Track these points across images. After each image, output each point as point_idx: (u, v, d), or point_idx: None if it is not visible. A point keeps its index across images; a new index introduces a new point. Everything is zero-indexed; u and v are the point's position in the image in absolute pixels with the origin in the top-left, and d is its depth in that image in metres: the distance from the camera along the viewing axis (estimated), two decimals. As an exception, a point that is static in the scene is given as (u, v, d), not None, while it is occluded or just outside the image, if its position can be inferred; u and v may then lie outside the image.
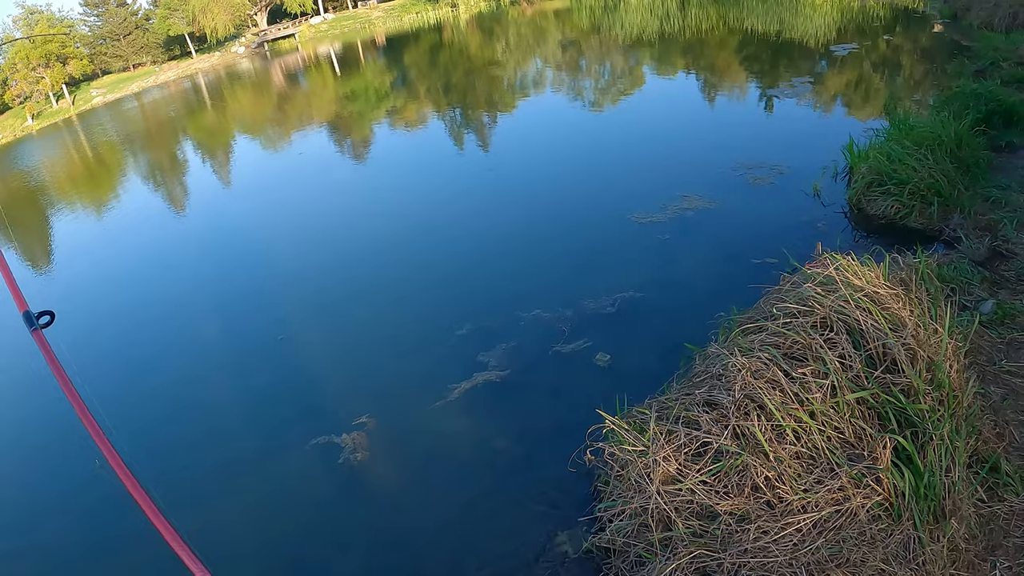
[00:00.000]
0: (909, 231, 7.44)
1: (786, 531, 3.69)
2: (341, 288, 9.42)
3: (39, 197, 24.06)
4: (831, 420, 4.04)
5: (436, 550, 4.95)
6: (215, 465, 6.46)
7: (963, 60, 13.31)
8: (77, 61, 60.72)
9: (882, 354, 4.24)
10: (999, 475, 4.14)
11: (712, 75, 18.31)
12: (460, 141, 16.70)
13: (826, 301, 4.58)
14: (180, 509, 5.87)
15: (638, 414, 4.89)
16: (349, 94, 28.42)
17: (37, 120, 52.40)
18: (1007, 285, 6.06)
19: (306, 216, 13.11)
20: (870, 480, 3.80)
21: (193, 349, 8.75)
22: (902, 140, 8.31)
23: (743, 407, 4.23)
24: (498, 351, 6.97)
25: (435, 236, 10.40)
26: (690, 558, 3.75)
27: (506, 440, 5.83)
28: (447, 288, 8.72)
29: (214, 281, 10.88)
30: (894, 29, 19.21)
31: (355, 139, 19.58)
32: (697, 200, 9.48)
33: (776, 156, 10.51)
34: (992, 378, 4.97)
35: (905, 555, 3.61)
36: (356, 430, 6.25)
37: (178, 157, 24.03)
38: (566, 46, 29.07)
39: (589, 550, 4.48)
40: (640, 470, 4.27)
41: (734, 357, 4.47)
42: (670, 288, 7.60)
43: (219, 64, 61.26)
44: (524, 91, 22.23)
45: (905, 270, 5.40)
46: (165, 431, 7.20)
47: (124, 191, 21.10)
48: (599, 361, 6.51)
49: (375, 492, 5.73)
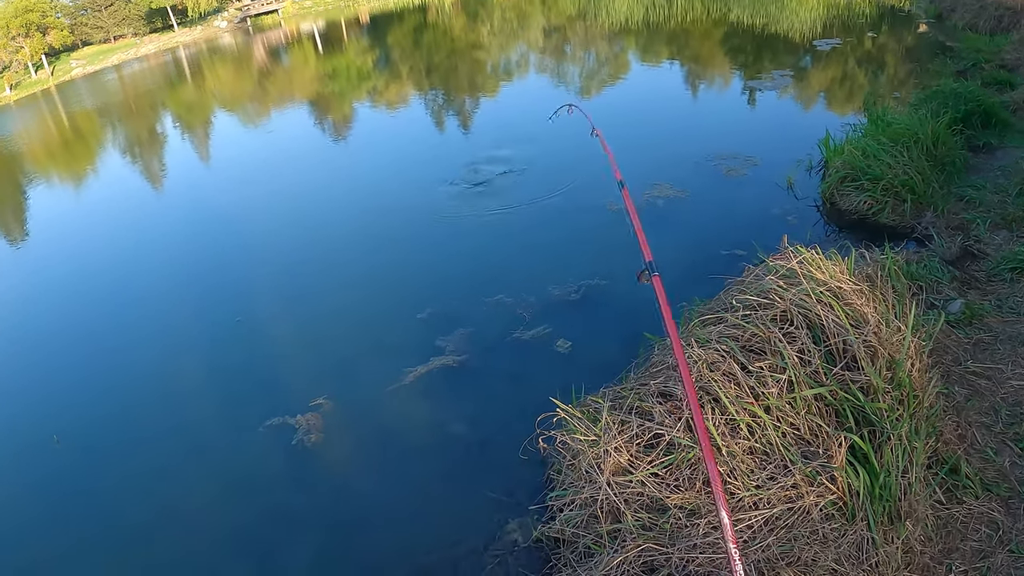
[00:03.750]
0: (881, 227, 7.37)
1: (737, 527, 3.59)
2: (301, 268, 9.25)
3: (12, 166, 23.70)
4: (787, 416, 3.95)
5: (387, 534, 4.86)
6: (165, 445, 6.29)
7: (946, 60, 13.29)
8: (57, 31, 59.81)
9: (842, 350, 4.14)
10: (959, 477, 4.07)
11: (695, 65, 18.23)
12: (440, 123, 16.51)
13: (787, 294, 4.48)
14: (129, 490, 5.82)
15: (592, 403, 4.78)
16: (330, 72, 28.12)
17: (15, 91, 51.63)
18: (977, 285, 6.00)
19: (271, 196, 12.83)
20: (824, 478, 3.70)
21: (144, 326, 8.53)
22: (879, 136, 8.23)
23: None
24: (457, 335, 6.85)
25: (403, 217, 10.24)
26: (638, 551, 3.66)
27: (461, 425, 5.72)
28: (410, 270, 8.59)
29: (168, 259, 10.60)
30: (879, 27, 19.18)
31: (332, 118, 19.35)
32: (668, 189, 9.37)
33: (752, 148, 10.42)
34: (957, 379, 4.90)
35: (858, 556, 3.53)
36: (311, 411, 6.12)
37: (155, 130, 23.72)
38: (550, 32, 28.87)
39: (539, 539, 4.38)
40: (591, 460, 4.16)
41: (691, 348, 4.37)
42: (635, 277, 7.47)
43: (201, 38, 60.59)
44: (506, 74, 22.04)
45: (872, 266, 5.32)
46: (112, 409, 7.07)
47: (96, 163, 20.80)
48: (559, 348, 6.40)
49: (328, 474, 5.61)
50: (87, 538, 5.40)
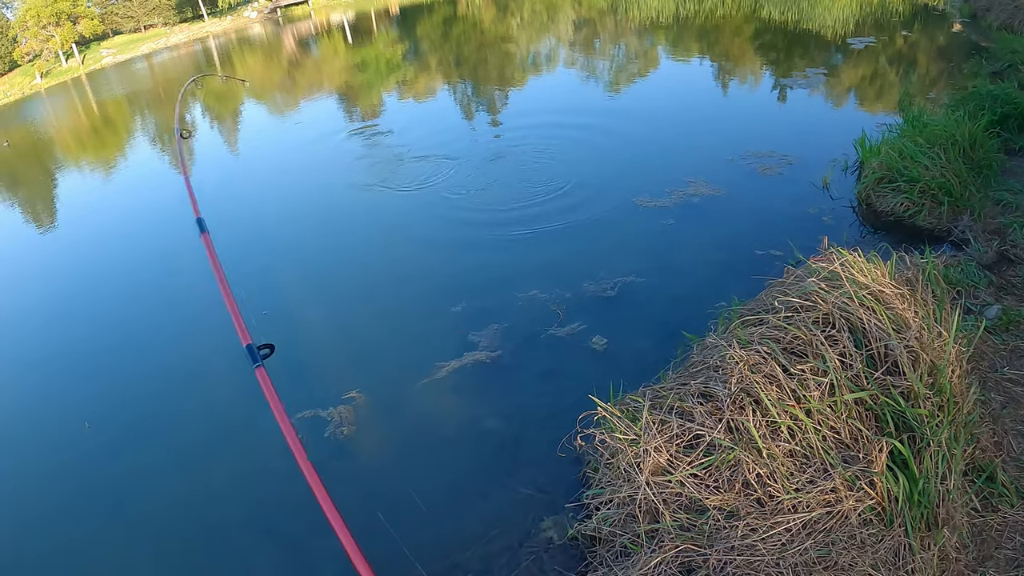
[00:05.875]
0: (917, 230, 7.32)
1: (775, 530, 3.61)
2: (333, 260, 9.31)
3: (42, 151, 24.00)
4: (827, 419, 3.95)
5: (420, 530, 4.85)
6: (200, 435, 6.37)
7: (980, 60, 13.11)
8: (88, 21, 60.14)
9: (883, 355, 4.14)
10: (994, 485, 4.07)
11: (726, 61, 18.08)
12: (469, 114, 16.51)
13: (829, 297, 4.47)
14: (162, 476, 5.87)
15: (631, 401, 4.79)
16: (359, 63, 28.16)
17: (46, 79, 52.10)
18: (1013, 291, 5.96)
19: (302, 185, 12.93)
20: (863, 483, 3.71)
21: (178, 322, 8.55)
22: (915, 137, 8.15)
23: (739, 401, 4.14)
24: (490, 330, 6.86)
25: (437, 210, 10.24)
26: (676, 552, 3.67)
27: (494, 421, 5.75)
28: (445, 263, 8.59)
29: (192, 249, 10.63)
30: (912, 25, 18.95)
31: (362, 108, 19.37)
32: (703, 186, 9.32)
33: (786, 146, 10.33)
34: (993, 385, 4.88)
35: (895, 562, 3.53)
36: (344, 404, 6.14)
37: (184, 118, 23.87)
38: (580, 25, 28.76)
39: (574, 537, 4.40)
40: (630, 459, 4.18)
41: (732, 349, 4.37)
42: (671, 274, 7.48)
43: (230, 28, 60.77)
44: (536, 68, 21.98)
45: (911, 270, 5.29)
46: (143, 392, 7.20)
47: (126, 149, 21.01)
48: (595, 345, 6.40)
49: (361, 468, 5.65)
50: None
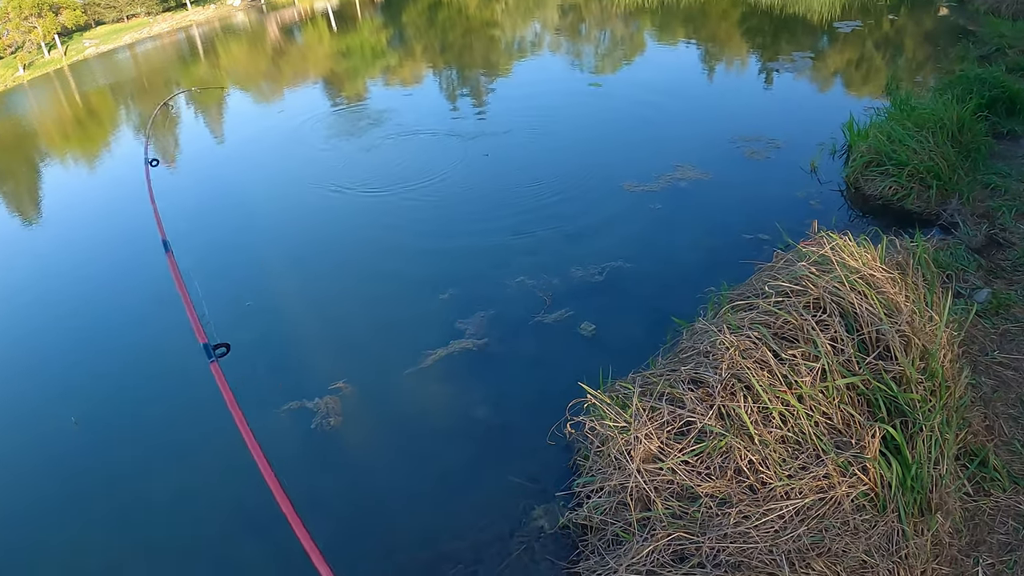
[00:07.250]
0: (906, 213, 7.33)
1: (768, 517, 3.58)
2: (316, 251, 9.12)
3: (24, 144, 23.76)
4: (819, 405, 3.92)
5: (409, 519, 4.82)
6: (179, 428, 6.23)
7: (968, 44, 13.14)
8: (70, 11, 59.35)
9: (875, 339, 4.11)
10: (987, 469, 4.06)
11: (713, 46, 18.03)
12: (454, 101, 16.39)
13: (820, 281, 4.44)
14: (150, 472, 5.78)
15: (621, 388, 4.75)
16: (344, 51, 27.95)
17: (28, 70, 51.49)
18: (1003, 274, 5.96)
19: (284, 173, 12.60)
20: (856, 469, 3.68)
21: (158, 316, 8.21)
22: (903, 121, 8.16)
23: (729, 387, 4.11)
24: (477, 318, 6.79)
25: (421, 197, 10.11)
26: (668, 540, 3.64)
27: (483, 409, 5.69)
28: (431, 252, 8.47)
29: (175, 237, 10.47)
30: (899, 9, 18.96)
31: (346, 96, 19.19)
32: (691, 171, 9.29)
33: (773, 130, 10.33)
34: (984, 369, 4.88)
35: (888, 547, 3.51)
36: (330, 395, 6.06)
37: (168, 107, 23.66)
38: (566, 10, 28.62)
39: (565, 526, 4.36)
40: (621, 447, 4.14)
41: (723, 334, 4.33)
42: (660, 259, 7.46)
43: (214, 16, 60.19)
44: (522, 53, 21.85)
45: (902, 253, 5.27)
46: (117, 385, 7.05)
47: (109, 140, 20.77)
48: (583, 331, 6.36)
49: (348, 459, 5.57)
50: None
